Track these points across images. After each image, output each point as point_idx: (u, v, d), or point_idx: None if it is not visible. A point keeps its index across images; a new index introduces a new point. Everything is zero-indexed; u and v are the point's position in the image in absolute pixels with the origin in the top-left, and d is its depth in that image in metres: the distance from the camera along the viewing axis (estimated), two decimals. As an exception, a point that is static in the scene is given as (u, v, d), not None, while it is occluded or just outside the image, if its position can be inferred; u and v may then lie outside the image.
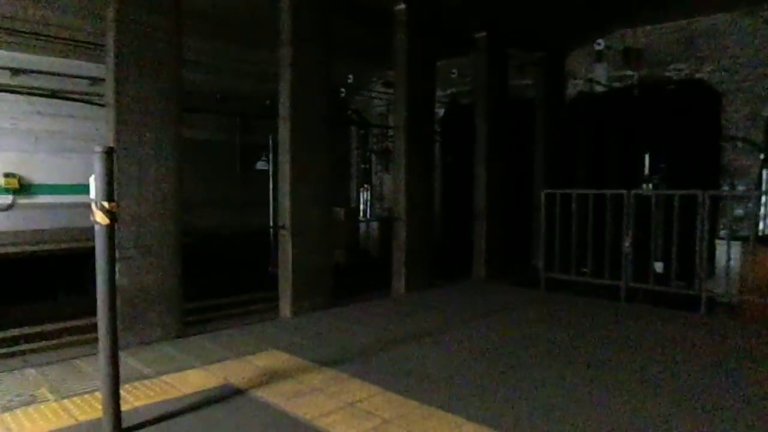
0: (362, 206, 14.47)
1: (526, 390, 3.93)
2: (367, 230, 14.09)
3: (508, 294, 7.53)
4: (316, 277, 6.55)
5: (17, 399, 3.75)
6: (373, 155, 14.63)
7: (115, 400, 3.21)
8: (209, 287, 9.46)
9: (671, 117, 9.93)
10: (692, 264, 6.50)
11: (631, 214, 6.78)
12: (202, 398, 3.78)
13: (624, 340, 5.22)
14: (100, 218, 3.13)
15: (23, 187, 9.72)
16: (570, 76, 10.93)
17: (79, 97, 9.66)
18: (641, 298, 7.30)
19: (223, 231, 11.53)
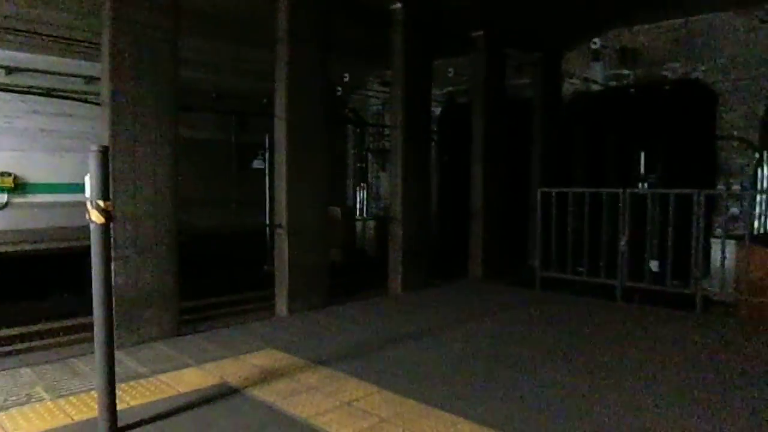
0: (359, 205, 14.49)
1: (523, 389, 3.94)
2: (364, 229, 14.09)
3: (504, 293, 7.54)
4: (313, 276, 6.55)
5: (12, 398, 3.74)
6: (370, 154, 14.62)
7: (111, 400, 3.21)
8: (205, 286, 9.45)
9: (667, 116, 9.97)
10: (688, 263, 6.52)
11: (627, 213, 6.79)
12: (198, 397, 3.77)
13: (620, 339, 5.23)
14: (95, 217, 3.12)
15: (18, 186, 9.69)
16: (567, 75, 10.95)
17: (74, 95, 9.64)
18: (637, 297, 7.32)
19: (219, 230, 11.51)
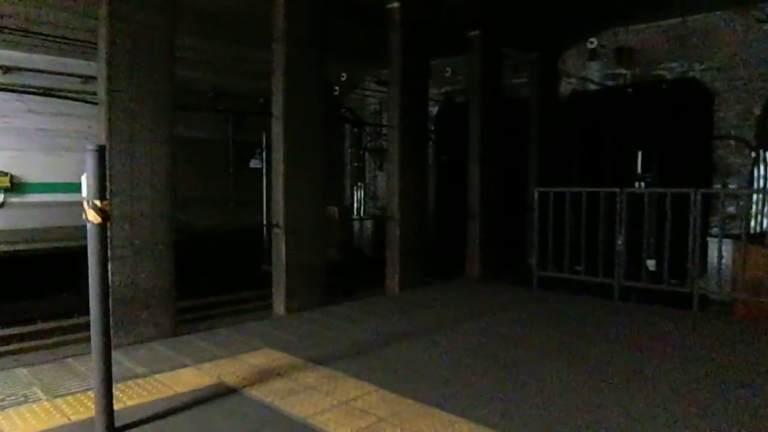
0: (356, 205, 14.48)
1: (520, 388, 3.95)
2: (361, 229, 14.10)
3: (501, 293, 7.54)
4: (310, 275, 6.55)
5: (9, 399, 3.73)
6: (367, 153, 14.61)
7: (107, 400, 3.20)
8: (202, 285, 9.45)
9: (664, 115, 9.98)
10: (685, 262, 6.54)
11: (624, 213, 6.80)
12: (195, 397, 3.77)
13: (617, 338, 5.24)
14: (92, 217, 3.11)
15: (15, 186, 9.66)
16: (564, 75, 10.96)
17: (72, 95, 9.60)
18: (634, 296, 7.34)
19: (217, 229, 11.50)
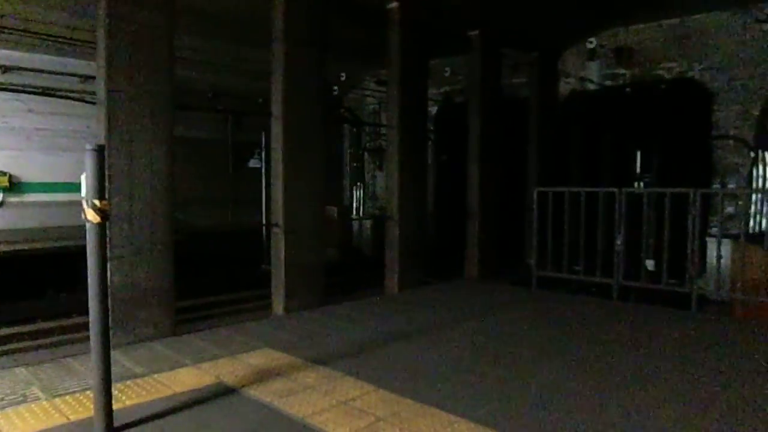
0: (355, 204, 14.48)
1: (519, 388, 3.95)
2: (360, 229, 14.10)
3: (500, 292, 7.54)
4: (310, 275, 6.55)
5: (8, 398, 3.73)
6: (366, 153, 14.61)
7: (106, 399, 3.20)
8: (202, 285, 9.45)
9: (663, 115, 9.99)
10: (684, 262, 6.54)
11: (623, 213, 6.81)
12: (194, 397, 3.76)
13: (616, 338, 5.24)
14: (91, 216, 3.11)
15: (14, 186, 9.66)
16: (563, 74, 10.97)
17: (70, 94, 9.61)
18: (633, 296, 7.35)
19: (216, 229, 11.51)
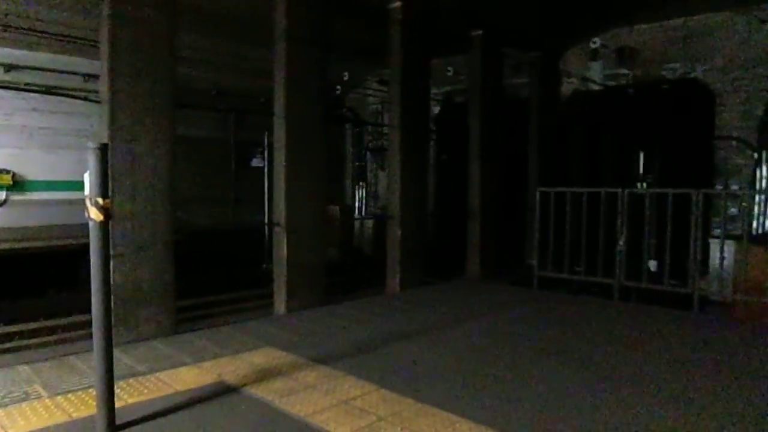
0: (357, 204, 14.49)
1: (520, 388, 3.95)
2: (362, 228, 14.10)
3: (501, 292, 7.54)
4: (311, 274, 6.55)
5: (10, 396, 3.74)
6: (368, 153, 14.62)
7: (109, 397, 3.21)
8: (204, 284, 9.46)
9: (665, 116, 9.98)
10: (686, 262, 6.53)
11: (625, 213, 6.80)
12: (195, 395, 3.77)
13: (617, 339, 5.24)
14: (94, 215, 3.12)
15: (17, 184, 9.68)
16: (565, 74, 10.95)
17: (73, 93, 9.62)
18: (635, 296, 7.34)
19: (218, 228, 11.51)
